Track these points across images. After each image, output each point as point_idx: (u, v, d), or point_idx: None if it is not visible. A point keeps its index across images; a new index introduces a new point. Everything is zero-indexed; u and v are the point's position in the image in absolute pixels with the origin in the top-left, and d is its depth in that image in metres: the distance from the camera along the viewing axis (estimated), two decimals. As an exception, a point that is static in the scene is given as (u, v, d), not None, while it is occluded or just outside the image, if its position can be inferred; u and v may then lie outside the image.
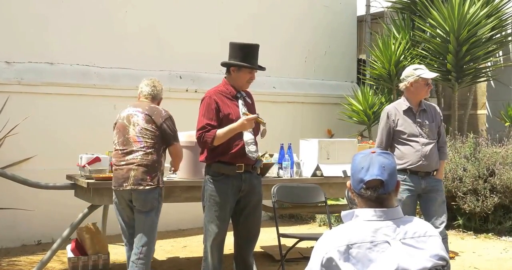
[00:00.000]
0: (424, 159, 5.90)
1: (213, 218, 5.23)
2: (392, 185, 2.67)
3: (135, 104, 5.67)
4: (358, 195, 2.69)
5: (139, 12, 9.35)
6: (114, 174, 5.52)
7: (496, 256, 7.58)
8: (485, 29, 10.18)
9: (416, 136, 5.95)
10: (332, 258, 2.52)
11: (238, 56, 5.27)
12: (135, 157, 5.39)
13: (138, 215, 5.46)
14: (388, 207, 2.66)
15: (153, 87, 5.75)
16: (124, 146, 5.46)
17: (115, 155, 5.54)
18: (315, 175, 6.96)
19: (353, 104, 10.84)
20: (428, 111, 6.07)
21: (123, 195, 5.45)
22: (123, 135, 5.50)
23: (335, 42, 11.62)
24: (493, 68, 11.04)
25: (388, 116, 6.04)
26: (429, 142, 5.96)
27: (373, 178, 2.64)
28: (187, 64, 9.58)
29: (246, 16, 10.36)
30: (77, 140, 8.41)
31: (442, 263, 2.59)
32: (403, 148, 5.96)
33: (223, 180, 5.22)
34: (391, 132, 6.02)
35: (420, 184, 5.91)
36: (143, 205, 5.41)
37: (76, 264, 6.66)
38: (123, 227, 5.62)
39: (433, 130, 6.02)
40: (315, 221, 10.04)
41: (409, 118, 6.00)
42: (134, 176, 5.36)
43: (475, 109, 11.94)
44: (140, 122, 5.47)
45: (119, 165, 5.45)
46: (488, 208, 8.77)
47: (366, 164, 2.67)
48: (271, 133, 5.91)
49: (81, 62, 8.87)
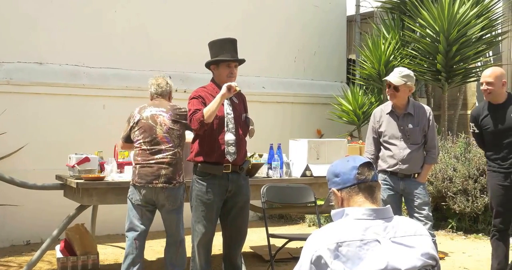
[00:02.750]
0: (401, 162, 5.92)
1: (200, 218, 5.23)
2: (377, 175, 2.77)
3: (155, 104, 5.79)
4: (350, 189, 2.71)
5: (129, 12, 9.32)
6: (139, 171, 5.58)
7: (486, 257, 7.58)
8: (475, 29, 10.20)
9: (397, 139, 5.96)
10: (321, 256, 2.52)
11: (215, 52, 5.33)
12: (165, 156, 5.57)
13: (168, 213, 5.64)
14: (378, 200, 2.70)
15: (157, 86, 5.90)
16: (152, 145, 5.60)
17: (140, 154, 5.62)
18: (304, 175, 6.95)
19: (342, 104, 10.84)
20: (415, 115, 6.04)
21: (147, 192, 5.54)
22: (149, 135, 5.62)
23: (325, 42, 11.62)
24: (483, 68, 11.03)
25: (374, 118, 6.10)
26: (409, 146, 5.95)
27: (364, 161, 2.74)
28: (176, 64, 9.56)
29: (235, 16, 10.34)
30: (66, 140, 8.37)
31: (432, 263, 2.59)
32: (384, 151, 6.02)
33: (210, 180, 5.22)
34: (377, 134, 6.05)
35: (399, 185, 5.95)
36: (174, 202, 5.59)
37: (65, 264, 6.64)
38: (134, 222, 5.63)
39: (415, 134, 5.99)
40: (304, 221, 10.03)
41: (392, 121, 6.02)
42: (165, 174, 5.54)
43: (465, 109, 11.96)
44: (167, 122, 5.65)
45: (148, 163, 5.56)
46: (478, 208, 8.78)
47: (349, 158, 2.78)
48: (261, 133, 5.91)
49: (70, 62, 8.83)
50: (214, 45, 5.37)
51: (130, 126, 5.73)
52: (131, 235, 5.62)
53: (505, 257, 6.15)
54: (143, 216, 5.63)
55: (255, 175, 6.72)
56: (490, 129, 6.07)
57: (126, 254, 5.63)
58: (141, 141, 5.63)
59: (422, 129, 6.02)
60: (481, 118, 6.13)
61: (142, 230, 5.62)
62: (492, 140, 6.10)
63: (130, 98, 8.57)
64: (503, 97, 6.07)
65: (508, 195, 6.05)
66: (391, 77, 5.96)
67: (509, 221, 6.22)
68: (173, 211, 5.64)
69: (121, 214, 7.58)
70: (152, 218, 5.73)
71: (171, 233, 5.73)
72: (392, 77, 5.95)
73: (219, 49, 5.32)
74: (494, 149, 6.09)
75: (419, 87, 12.02)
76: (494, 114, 6.06)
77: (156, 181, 5.51)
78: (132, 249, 5.59)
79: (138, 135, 5.66)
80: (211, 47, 5.39)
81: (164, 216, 5.69)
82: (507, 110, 6.01)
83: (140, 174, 5.56)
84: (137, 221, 5.62)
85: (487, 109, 6.13)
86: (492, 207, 6.22)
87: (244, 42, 5.50)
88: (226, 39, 5.39)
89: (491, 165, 6.15)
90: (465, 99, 11.91)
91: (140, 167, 5.58)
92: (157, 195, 5.53)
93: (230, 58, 5.31)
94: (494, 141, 6.08)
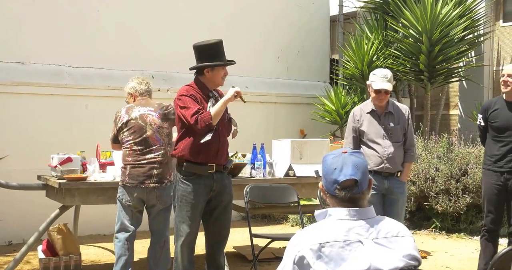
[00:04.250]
0: (387, 161, 5.95)
1: (184, 218, 5.22)
2: (365, 184, 2.67)
3: (142, 104, 5.75)
4: (331, 196, 2.68)
5: (112, 12, 9.28)
6: (130, 172, 5.54)
7: (468, 256, 7.63)
8: (457, 29, 10.25)
9: (380, 138, 5.99)
10: (304, 257, 2.51)
11: (209, 56, 5.26)
12: (156, 155, 5.58)
13: (158, 213, 5.64)
14: (361, 207, 2.66)
15: (147, 84, 5.91)
16: (142, 145, 5.58)
17: (131, 154, 5.58)
18: (287, 175, 6.95)
19: (325, 104, 10.85)
20: (395, 114, 6.07)
21: (139, 192, 5.53)
22: (140, 135, 5.59)
23: (308, 42, 11.63)
24: (465, 69, 11.12)
25: (353, 118, 6.09)
26: (393, 144, 5.98)
27: (348, 178, 2.63)
28: (159, 64, 9.53)
29: (219, 17, 10.33)
30: (48, 140, 8.32)
31: (414, 263, 2.59)
32: (367, 150, 6.00)
33: (194, 180, 5.21)
34: (357, 133, 6.06)
35: (384, 184, 5.96)
36: (165, 201, 5.60)
37: (48, 265, 6.60)
38: (125, 223, 5.60)
39: (397, 132, 6.03)
40: (287, 221, 10.04)
41: (374, 120, 6.04)
42: (157, 174, 5.54)
43: (447, 109, 12.03)
44: (156, 121, 5.65)
45: (139, 163, 5.55)
46: (461, 208, 8.83)
47: (338, 164, 2.66)
48: (244, 133, 5.91)
49: (53, 61, 8.78)
50: (209, 49, 5.29)
51: (119, 127, 5.68)
52: (122, 236, 5.58)
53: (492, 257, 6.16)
54: (133, 217, 5.61)
55: (238, 175, 6.72)
56: (496, 125, 6.05)
57: (118, 256, 5.57)
58: (131, 142, 5.60)
59: (402, 127, 6.07)
60: (491, 112, 6.09)
61: (132, 230, 5.60)
62: (494, 136, 6.08)
63: (113, 98, 8.52)
64: None
65: (501, 195, 6.05)
66: (384, 85, 5.90)
67: (500, 221, 6.23)
68: (163, 211, 5.65)
69: (103, 214, 7.60)
70: (141, 219, 5.71)
71: (157, 232, 5.71)
72: (384, 84, 5.90)
73: (215, 53, 5.27)
74: (494, 146, 6.07)
75: (402, 87, 12.07)
76: (505, 111, 6.02)
77: (148, 181, 5.50)
78: (125, 251, 5.55)
79: (128, 136, 5.62)
80: (205, 50, 5.27)
81: (153, 215, 5.67)
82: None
83: (131, 174, 5.54)
84: (128, 222, 5.60)
85: (499, 104, 6.10)
86: (484, 206, 6.22)
87: (227, 43, 5.47)
88: (219, 42, 5.34)
89: (486, 163, 6.15)
90: (447, 99, 11.97)
91: (131, 167, 5.55)
92: (148, 195, 5.53)
93: (228, 62, 5.31)
94: (496, 137, 6.06)
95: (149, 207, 5.63)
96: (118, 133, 5.69)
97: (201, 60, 5.28)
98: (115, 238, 5.66)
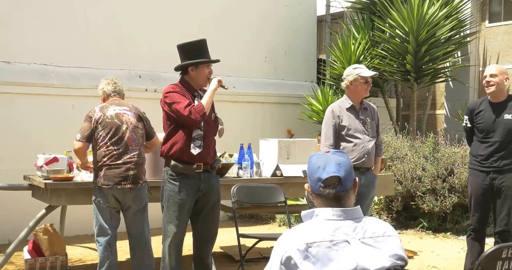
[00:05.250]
0: (367, 155, 6.05)
1: (172, 218, 5.21)
2: (350, 182, 2.69)
3: (116, 103, 5.68)
4: (317, 195, 2.69)
5: (99, 11, 9.25)
6: (106, 173, 5.45)
7: (454, 255, 7.67)
8: (444, 29, 10.30)
9: (360, 132, 6.08)
10: (291, 257, 2.52)
11: (193, 54, 5.27)
12: (132, 156, 5.50)
13: (134, 214, 5.57)
14: (347, 206, 2.66)
15: (114, 84, 5.82)
16: (118, 145, 5.48)
17: (106, 155, 5.47)
18: (275, 175, 6.96)
19: (313, 104, 10.86)
20: (368, 110, 6.23)
21: (115, 193, 5.45)
22: (116, 135, 5.49)
23: (295, 42, 11.64)
24: (451, 69, 11.17)
25: (333, 113, 6.14)
26: (371, 139, 6.12)
27: (330, 176, 2.64)
28: (146, 64, 9.51)
29: (207, 16, 10.32)
30: (35, 140, 8.28)
31: (401, 263, 2.60)
32: (347, 145, 6.06)
33: (182, 180, 5.20)
34: (336, 129, 6.11)
35: (361, 179, 5.98)
36: (140, 202, 5.54)
37: (33, 266, 6.56)
38: (104, 226, 5.52)
39: (373, 128, 6.19)
40: (275, 221, 10.04)
41: (353, 116, 6.12)
42: (133, 174, 5.46)
43: (434, 109, 12.08)
44: (132, 121, 5.58)
45: (115, 163, 5.44)
46: (447, 207, 8.86)
47: (322, 163, 2.68)
48: (231, 133, 5.91)
49: (39, 61, 8.74)
50: (191, 47, 5.29)
51: (94, 127, 5.54)
52: (103, 239, 5.50)
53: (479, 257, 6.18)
54: (112, 218, 5.54)
55: (225, 175, 6.71)
56: (482, 126, 6.09)
57: (101, 260, 5.49)
58: (107, 141, 5.49)
59: (375, 123, 6.24)
60: (476, 112, 6.14)
61: (113, 232, 5.53)
62: (480, 136, 6.12)
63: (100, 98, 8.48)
64: (503, 96, 6.09)
65: (487, 195, 6.08)
66: (369, 72, 6.13)
67: (486, 220, 6.26)
68: (139, 212, 5.58)
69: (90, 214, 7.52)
70: (120, 218, 5.65)
71: (136, 235, 5.63)
72: (369, 72, 6.13)
73: (199, 51, 5.28)
74: (480, 146, 6.10)
75: (388, 87, 12.11)
76: (490, 112, 6.06)
77: (125, 182, 5.42)
78: (108, 254, 5.48)
79: (103, 135, 5.50)
80: (188, 50, 5.28)
81: (129, 218, 5.60)
82: (503, 110, 6.03)
83: (107, 175, 5.44)
84: (107, 224, 5.51)
85: (484, 105, 6.14)
86: (470, 205, 6.25)
87: (215, 42, 5.49)
88: (202, 40, 5.34)
89: (473, 163, 6.18)
90: (434, 99, 12.02)
91: (106, 168, 5.45)
92: (124, 196, 5.46)
93: (212, 59, 5.32)
94: (482, 138, 6.10)
95: (124, 209, 5.55)
96: (93, 133, 5.53)
97: (185, 59, 5.29)
98: (96, 242, 5.58)
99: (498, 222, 6.08)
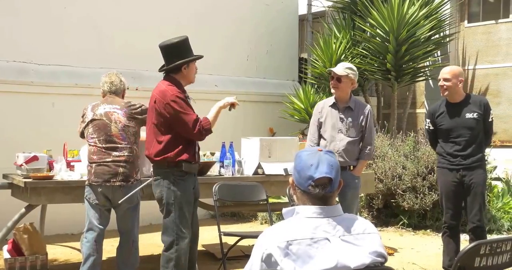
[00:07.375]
0: (338, 155, 6.01)
1: (186, 218, 5.22)
2: (337, 184, 2.70)
3: (108, 101, 5.70)
4: (303, 191, 2.68)
5: (79, 8, 9.20)
6: (95, 170, 5.49)
7: (434, 252, 7.71)
8: (423, 29, 10.36)
9: (335, 131, 6.12)
10: (271, 254, 2.53)
11: (184, 53, 5.25)
12: (121, 154, 5.51)
13: (124, 212, 5.58)
14: (329, 205, 2.67)
15: (110, 84, 5.82)
16: (107, 143, 5.52)
17: (96, 152, 5.52)
18: (256, 173, 6.96)
19: (294, 103, 10.88)
20: (355, 110, 6.18)
21: (105, 191, 5.47)
22: (104, 133, 5.54)
23: (277, 40, 11.66)
24: (431, 68, 11.24)
25: (316, 110, 6.24)
26: (347, 139, 6.11)
27: (323, 176, 2.65)
28: (128, 62, 9.46)
29: (188, 14, 10.30)
30: (15, 138, 8.22)
31: (381, 260, 2.62)
32: (323, 142, 6.16)
33: (189, 179, 5.27)
34: (318, 125, 6.15)
35: None
36: (131, 200, 5.52)
37: (13, 265, 6.52)
38: (93, 222, 5.54)
39: (354, 128, 6.14)
40: (256, 219, 10.05)
41: (334, 113, 6.17)
42: (123, 172, 5.47)
43: (414, 108, 12.14)
44: (121, 119, 5.58)
45: (104, 161, 5.48)
46: (427, 205, 8.93)
47: (314, 161, 2.67)
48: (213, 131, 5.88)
49: (18, 59, 8.67)
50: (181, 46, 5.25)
51: (85, 124, 5.65)
52: (91, 236, 5.52)
53: (455, 253, 6.25)
54: (102, 216, 5.56)
55: (207, 173, 6.71)
56: (445, 127, 6.22)
57: (86, 256, 5.49)
58: (95, 139, 5.55)
59: (360, 124, 6.17)
60: (437, 115, 6.28)
61: (101, 230, 5.55)
62: (445, 137, 6.24)
63: (80, 96, 8.47)
64: (461, 96, 6.22)
65: (457, 191, 6.19)
66: (335, 68, 6.18)
67: (459, 217, 6.36)
68: (130, 210, 5.60)
69: (70, 213, 7.53)
70: (109, 217, 5.67)
71: (125, 232, 5.67)
72: (336, 68, 6.17)
73: (187, 49, 5.28)
74: (446, 146, 6.23)
75: (369, 86, 12.16)
76: (450, 113, 6.20)
77: (114, 179, 5.45)
78: (93, 251, 5.49)
79: (92, 133, 5.58)
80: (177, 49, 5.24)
81: (120, 215, 5.63)
82: (462, 109, 6.16)
83: (97, 172, 5.49)
84: (96, 221, 5.54)
85: (444, 107, 6.27)
86: (442, 204, 6.34)
87: (196, 40, 5.48)
88: (187, 38, 5.32)
89: (441, 162, 6.29)
90: (414, 98, 12.09)
91: (96, 165, 5.50)
92: (114, 193, 5.47)
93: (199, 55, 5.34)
94: (447, 138, 6.23)
95: (115, 206, 5.58)
96: (84, 130, 5.66)
97: (177, 58, 5.24)
98: (83, 238, 5.59)
99: (471, 218, 6.19)
